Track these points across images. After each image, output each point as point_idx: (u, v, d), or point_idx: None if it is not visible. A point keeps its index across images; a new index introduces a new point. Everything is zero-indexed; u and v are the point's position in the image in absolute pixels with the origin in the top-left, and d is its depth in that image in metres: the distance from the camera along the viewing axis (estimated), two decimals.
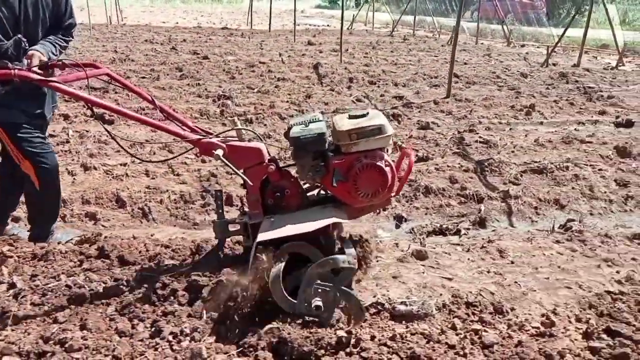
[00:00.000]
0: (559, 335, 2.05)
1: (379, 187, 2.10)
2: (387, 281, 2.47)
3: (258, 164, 2.14)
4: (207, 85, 7.15)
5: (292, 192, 2.20)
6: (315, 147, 2.07)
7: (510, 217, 3.73)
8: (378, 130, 2.05)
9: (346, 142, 2.06)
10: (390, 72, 9.22)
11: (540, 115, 6.41)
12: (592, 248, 2.89)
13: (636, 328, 2.11)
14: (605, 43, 14.70)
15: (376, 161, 2.07)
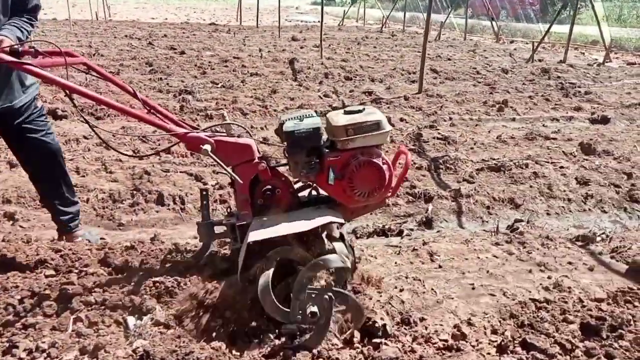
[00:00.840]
0: (467, 349, 1.86)
1: (375, 186, 1.98)
2: None
3: (248, 161, 1.98)
4: (170, 80, 6.96)
5: (284, 191, 2.06)
6: (310, 143, 1.94)
7: (460, 217, 3.54)
8: (376, 126, 1.93)
9: (342, 138, 1.92)
10: (368, 68, 9.03)
11: (513, 112, 6.22)
12: (529, 251, 2.71)
13: (554, 340, 1.93)
14: (595, 39, 14.48)
15: (373, 158, 1.95)
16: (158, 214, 3.31)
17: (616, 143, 4.73)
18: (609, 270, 2.54)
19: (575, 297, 2.19)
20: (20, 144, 2.50)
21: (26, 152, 2.52)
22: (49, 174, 2.59)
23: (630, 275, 2.47)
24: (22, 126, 2.44)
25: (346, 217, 2.09)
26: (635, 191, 3.83)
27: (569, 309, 2.13)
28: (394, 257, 2.67)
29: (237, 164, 1.98)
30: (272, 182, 2.04)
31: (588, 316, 2.07)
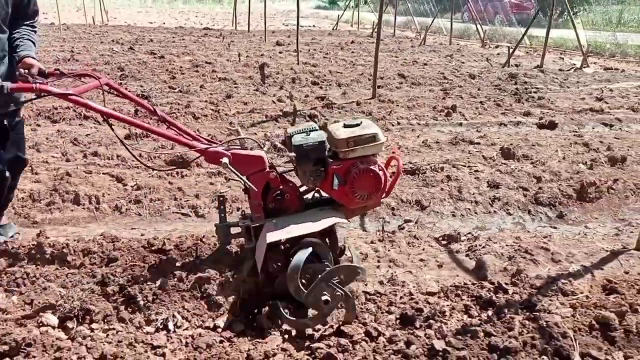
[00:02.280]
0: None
1: (373, 190, 2.30)
2: None
3: (260, 170, 2.29)
4: (129, 85, 7.22)
5: (292, 196, 2.37)
6: (316, 154, 2.24)
7: (363, 218, 3.72)
8: (372, 138, 2.24)
9: (344, 149, 2.23)
10: (337, 73, 9.21)
11: (461, 117, 6.37)
12: (390, 248, 2.88)
13: (365, 329, 2.11)
14: (589, 44, 14.49)
15: (371, 166, 2.27)
16: (72, 213, 3.55)
17: (539, 148, 4.87)
18: (458, 267, 2.70)
19: (406, 291, 2.37)
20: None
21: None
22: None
23: (475, 272, 2.63)
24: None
25: (347, 217, 2.43)
26: (541, 194, 3.97)
27: (396, 301, 2.31)
28: None
29: (250, 173, 2.29)
30: (282, 188, 2.34)
31: (409, 307, 2.25)
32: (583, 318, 2.23)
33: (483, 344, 2.03)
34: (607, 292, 2.49)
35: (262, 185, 2.30)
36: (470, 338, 2.07)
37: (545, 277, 2.58)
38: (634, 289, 2.50)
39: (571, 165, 4.38)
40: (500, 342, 2.02)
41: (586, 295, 2.46)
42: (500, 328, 2.12)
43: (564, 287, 2.47)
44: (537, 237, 3.18)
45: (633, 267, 2.78)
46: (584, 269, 2.71)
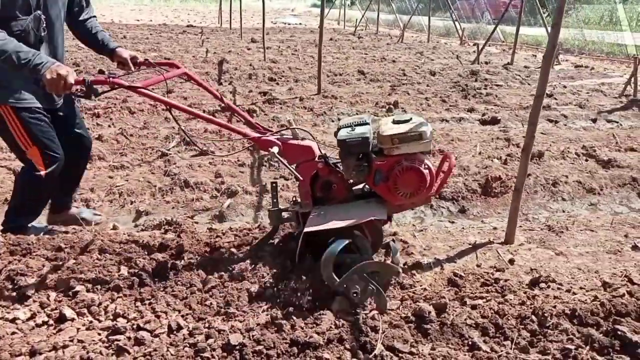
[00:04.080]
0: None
1: (416, 188, 2.27)
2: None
3: (309, 160, 2.37)
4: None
5: (339, 186, 2.41)
6: (359, 149, 2.26)
7: (257, 212, 3.67)
8: (418, 136, 2.22)
9: (388, 146, 2.23)
10: (297, 69, 9.15)
11: (403, 112, 6.30)
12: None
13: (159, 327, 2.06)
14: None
15: (415, 164, 2.24)
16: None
17: (459, 143, 4.80)
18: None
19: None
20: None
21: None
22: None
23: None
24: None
25: (394, 211, 2.51)
26: (445, 189, 3.91)
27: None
28: None
29: (300, 162, 2.37)
30: (330, 178, 2.39)
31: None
32: (403, 311, 2.17)
33: (287, 339, 1.98)
34: (450, 285, 2.43)
35: (310, 174, 2.35)
36: (275, 332, 2.02)
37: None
38: (478, 282, 2.44)
39: (482, 160, 4.31)
40: (303, 337, 1.97)
41: (425, 287, 2.40)
42: (310, 323, 2.07)
43: (403, 281, 2.41)
44: (409, 230, 3.12)
45: (487, 260, 2.72)
46: (435, 262, 2.65)
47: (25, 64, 2.09)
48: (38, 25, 2.40)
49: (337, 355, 1.93)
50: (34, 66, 2.08)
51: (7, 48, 2.09)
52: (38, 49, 2.37)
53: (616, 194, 4.05)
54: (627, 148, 4.83)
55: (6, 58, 2.08)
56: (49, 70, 2.07)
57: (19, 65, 2.09)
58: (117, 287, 2.24)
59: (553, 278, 2.47)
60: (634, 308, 2.15)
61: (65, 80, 2.07)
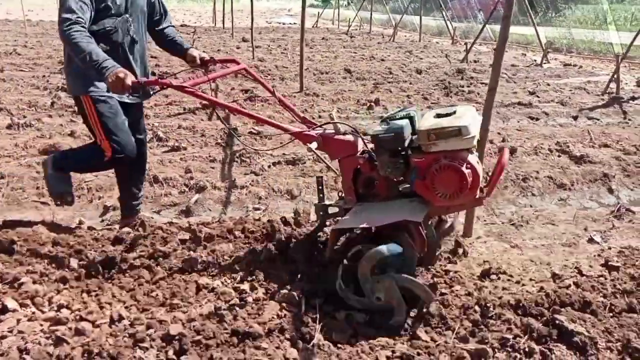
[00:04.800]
0: None
1: (457, 189, 2.04)
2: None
3: (351, 155, 2.26)
4: (50, 78, 7.19)
5: (381, 183, 2.27)
6: (391, 145, 2.10)
7: (226, 207, 3.68)
8: (457, 132, 1.98)
9: (425, 142, 2.05)
10: (284, 68, 9.16)
11: (383, 110, 6.31)
12: None
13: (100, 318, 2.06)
14: (549, 41, 14.39)
15: (455, 162, 2.01)
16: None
17: None
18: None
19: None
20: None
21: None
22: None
23: None
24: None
25: (439, 212, 2.34)
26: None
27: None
28: None
29: (342, 157, 2.29)
30: (372, 174, 2.26)
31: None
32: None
33: (228, 329, 1.99)
34: None
35: (352, 170, 2.27)
36: (217, 322, 2.02)
37: None
38: (429, 273, 2.45)
39: None
40: (244, 327, 1.98)
41: None
42: (253, 313, 2.08)
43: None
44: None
45: (443, 252, 2.72)
46: None
47: (95, 65, 2.32)
48: (126, 26, 2.68)
49: (276, 345, 1.93)
50: (101, 68, 2.31)
51: (88, 48, 2.34)
52: (126, 47, 2.69)
53: (587, 190, 4.06)
54: (601, 144, 4.83)
55: (84, 57, 2.33)
56: (111, 74, 2.29)
57: (91, 64, 2.32)
58: (63, 279, 2.25)
59: (504, 270, 2.48)
60: (577, 298, 2.16)
61: (124, 83, 2.27)
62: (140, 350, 1.88)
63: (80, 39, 2.35)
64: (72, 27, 2.36)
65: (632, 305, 2.14)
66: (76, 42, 2.33)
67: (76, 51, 2.35)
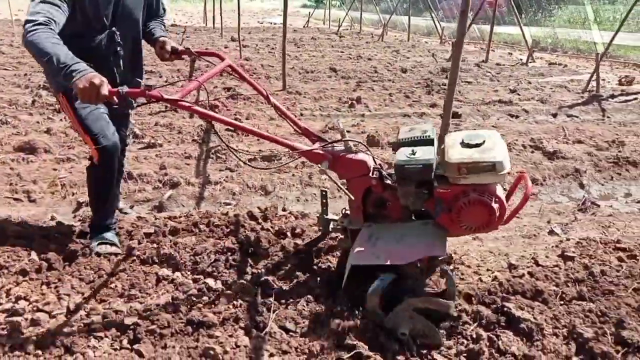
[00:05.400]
0: None
1: (483, 223, 1.95)
2: None
3: (363, 175, 2.11)
4: (32, 77, 7.18)
5: (393, 204, 2.13)
6: (419, 177, 1.94)
7: (199, 203, 3.70)
8: (492, 167, 1.84)
9: (454, 175, 1.90)
10: (269, 67, 9.19)
11: (365, 108, 6.36)
12: None
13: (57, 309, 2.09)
14: (536, 40, 14.51)
15: (485, 197, 1.90)
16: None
17: None
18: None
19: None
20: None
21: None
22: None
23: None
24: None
25: (454, 235, 2.10)
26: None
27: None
28: None
29: (353, 177, 2.13)
30: (384, 195, 2.13)
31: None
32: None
33: (183, 319, 2.02)
34: None
35: (363, 191, 2.12)
36: (172, 312, 2.05)
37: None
38: None
39: None
40: (199, 317, 2.01)
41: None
42: (209, 303, 2.11)
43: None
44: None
45: None
46: None
47: (62, 69, 1.95)
48: (112, 41, 2.40)
49: (229, 334, 1.97)
50: (69, 72, 1.94)
51: (49, 49, 1.97)
52: (115, 64, 2.43)
53: (558, 185, 4.11)
54: (575, 140, 4.90)
55: (48, 59, 1.97)
56: (83, 79, 1.92)
57: (57, 68, 1.96)
58: (23, 271, 2.27)
59: (462, 261, 2.52)
60: (530, 287, 2.20)
61: (99, 91, 1.92)
62: (94, 340, 1.91)
63: (44, 39, 1.99)
64: (36, 29, 2.02)
65: (581, 293, 2.19)
66: (38, 42, 1.98)
67: (39, 54, 1.99)
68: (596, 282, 2.25)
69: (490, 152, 1.86)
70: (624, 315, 2.01)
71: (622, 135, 5.12)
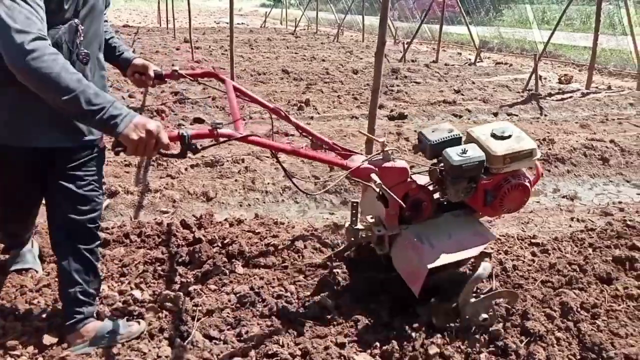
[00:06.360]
0: None
1: (520, 203, 2.21)
2: None
3: (403, 181, 2.18)
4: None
5: (428, 203, 2.26)
6: (473, 173, 2.11)
7: (138, 211, 3.66)
8: (529, 154, 2.12)
9: (499, 166, 2.11)
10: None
11: (314, 110, 6.44)
12: None
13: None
14: (485, 40, 15.03)
15: (522, 180, 2.16)
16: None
17: (352, 138, 4.97)
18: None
19: None
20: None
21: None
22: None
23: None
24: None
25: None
26: (330, 182, 4.04)
27: None
28: None
29: (394, 184, 2.15)
30: (419, 196, 2.22)
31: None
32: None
33: None
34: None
35: (402, 195, 2.18)
36: None
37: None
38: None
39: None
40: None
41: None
42: (135, 314, 2.12)
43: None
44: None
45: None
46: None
47: (95, 112, 1.46)
48: (74, 37, 1.73)
49: (153, 345, 1.98)
50: (108, 117, 1.46)
51: (70, 84, 1.45)
52: (79, 68, 1.74)
53: None
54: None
55: (71, 99, 1.45)
56: (131, 126, 1.48)
57: (86, 112, 1.46)
58: None
59: None
60: None
61: (158, 139, 1.52)
62: (10, 358, 1.89)
63: (58, 68, 1.45)
64: (39, 48, 1.45)
65: (493, 288, 2.33)
66: (49, 72, 1.43)
67: (55, 89, 1.45)
68: (508, 277, 2.40)
69: (525, 141, 2.14)
70: (529, 307, 2.16)
71: (553, 133, 5.41)
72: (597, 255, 2.64)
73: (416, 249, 2.13)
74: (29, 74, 1.44)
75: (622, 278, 2.45)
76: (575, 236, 2.89)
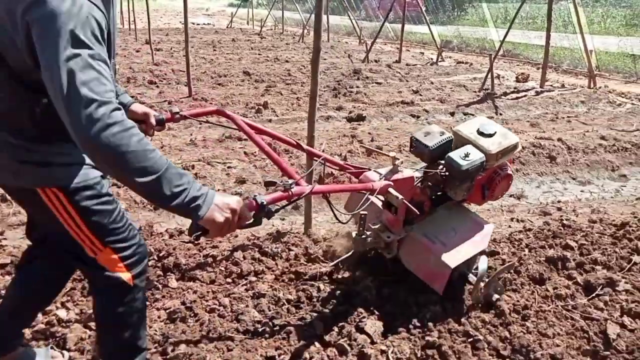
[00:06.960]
0: None
1: (507, 189, 2.53)
2: None
3: (410, 188, 2.26)
4: None
5: (428, 201, 2.38)
6: (476, 173, 2.25)
7: None
8: (514, 147, 2.33)
9: (492, 162, 2.28)
10: (180, 72, 8.98)
11: (272, 113, 6.39)
12: None
13: None
14: (448, 40, 15.28)
15: (508, 170, 2.42)
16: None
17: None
18: None
19: None
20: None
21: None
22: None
23: None
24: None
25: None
26: (280, 187, 4.00)
27: None
28: None
29: (405, 193, 2.22)
30: (421, 198, 2.35)
31: None
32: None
33: None
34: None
35: (409, 201, 2.23)
36: None
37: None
38: None
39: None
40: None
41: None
42: (58, 336, 2.04)
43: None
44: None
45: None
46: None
47: (177, 195, 1.27)
48: (114, 79, 1.56)
49: None
50: (190, 199, 1.28)
51: (154, 165, 1.24)
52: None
53: None
54: None
55: (154, 181, 1.24)
56: (214, 207, 1.31)
57: (169, 196, 1.26)
58: None
59: None
60: None
61: (241, 216, 1.39)
62: None
63: (140, 146, 1.23)
64: (117, 122, 1.21)
65: None
66: (130, 151, 1.21)
67: (138, 171, 1.22)
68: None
69: (510, 136, 2.33)
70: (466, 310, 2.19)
71: None
72: (532, 255, 2.69)
73: (429, 250, 2.24)
74: (105, 152, 1.20)
75: (553, 278, 2.50)
76: (513, 237, 2.94)
